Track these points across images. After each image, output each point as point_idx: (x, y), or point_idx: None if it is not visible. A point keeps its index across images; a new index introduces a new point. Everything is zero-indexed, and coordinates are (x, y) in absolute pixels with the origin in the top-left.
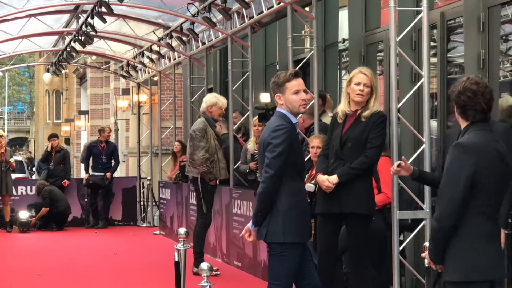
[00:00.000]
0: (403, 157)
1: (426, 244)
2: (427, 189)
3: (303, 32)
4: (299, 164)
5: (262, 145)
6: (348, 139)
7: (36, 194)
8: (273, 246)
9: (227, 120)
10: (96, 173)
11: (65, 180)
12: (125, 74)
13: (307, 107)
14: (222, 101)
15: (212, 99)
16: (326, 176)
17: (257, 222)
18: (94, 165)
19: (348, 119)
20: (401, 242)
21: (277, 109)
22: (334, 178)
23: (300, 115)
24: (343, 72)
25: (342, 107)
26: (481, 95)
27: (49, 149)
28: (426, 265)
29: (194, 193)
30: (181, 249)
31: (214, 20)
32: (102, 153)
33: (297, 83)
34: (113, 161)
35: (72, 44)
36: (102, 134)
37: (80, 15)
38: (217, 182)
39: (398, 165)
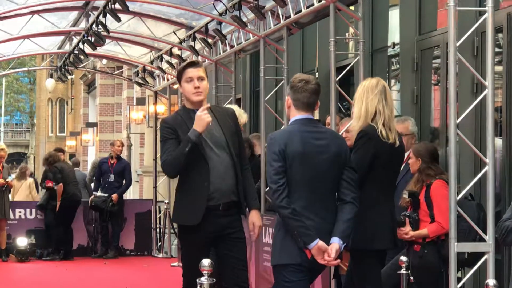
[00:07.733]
0: None
1: (489, 282)
2: (490, 216)
3: (347, 34)
4: None
5: (341, 158)
6: None
7: (43, 165)
8: None
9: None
10: (101, 194)
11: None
12: (140, 81)
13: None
14: (244, 117)
15: None
16: None
17: None
18: (102, 184)
19: None
20: (458, 280)
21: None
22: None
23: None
24: (393, 81)
25: None
26: None
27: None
28: None
29: None
30: (205, 284)
31: (244, 19)
32: (110, 170)
33: None
34: (124, 181)
35: (81, 45)
36: (112, 148)
37: (90, 12)
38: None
39: None
